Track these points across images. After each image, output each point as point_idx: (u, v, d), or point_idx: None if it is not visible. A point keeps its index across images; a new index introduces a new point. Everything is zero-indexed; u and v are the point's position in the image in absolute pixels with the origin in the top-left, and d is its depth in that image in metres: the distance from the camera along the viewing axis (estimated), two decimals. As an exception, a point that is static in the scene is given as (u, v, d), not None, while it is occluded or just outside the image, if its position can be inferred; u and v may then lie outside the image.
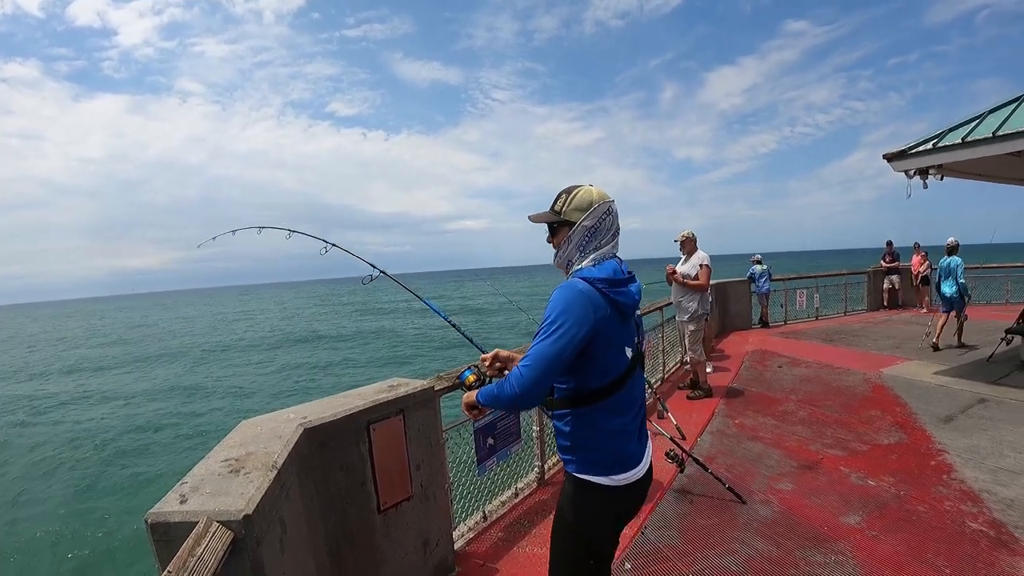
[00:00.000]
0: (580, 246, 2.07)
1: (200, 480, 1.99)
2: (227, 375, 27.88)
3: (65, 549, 9.70)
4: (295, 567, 2.15)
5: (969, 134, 6.66)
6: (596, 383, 1.97)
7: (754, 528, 3.97)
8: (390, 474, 3.05)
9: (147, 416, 19.78)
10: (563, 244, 2.12)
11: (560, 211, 2.11)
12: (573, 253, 2.09)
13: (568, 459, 2.08)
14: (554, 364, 1.84)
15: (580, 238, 2.06)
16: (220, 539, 1.63)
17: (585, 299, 1.89)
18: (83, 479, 13.36)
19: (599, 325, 1.90)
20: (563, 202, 2.11)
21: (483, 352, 2.56)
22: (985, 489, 4.39)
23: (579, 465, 2.04)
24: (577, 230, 2.06)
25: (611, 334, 1.96)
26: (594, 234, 2.06)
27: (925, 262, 14.76)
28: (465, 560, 3.72)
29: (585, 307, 1.87)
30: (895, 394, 7.22)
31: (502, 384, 1.94)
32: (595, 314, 1.88)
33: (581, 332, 1.85)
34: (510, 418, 4.33)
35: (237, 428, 2.63)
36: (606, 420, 2.00)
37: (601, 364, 1.96)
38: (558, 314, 1.87)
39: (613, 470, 2.01)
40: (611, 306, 1.94)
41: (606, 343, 1.95)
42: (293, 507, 2.27)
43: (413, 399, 3.23)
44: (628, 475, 2.03)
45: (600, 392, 1.98)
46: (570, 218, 2.08)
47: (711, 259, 7.14)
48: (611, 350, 1.98)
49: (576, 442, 2.03)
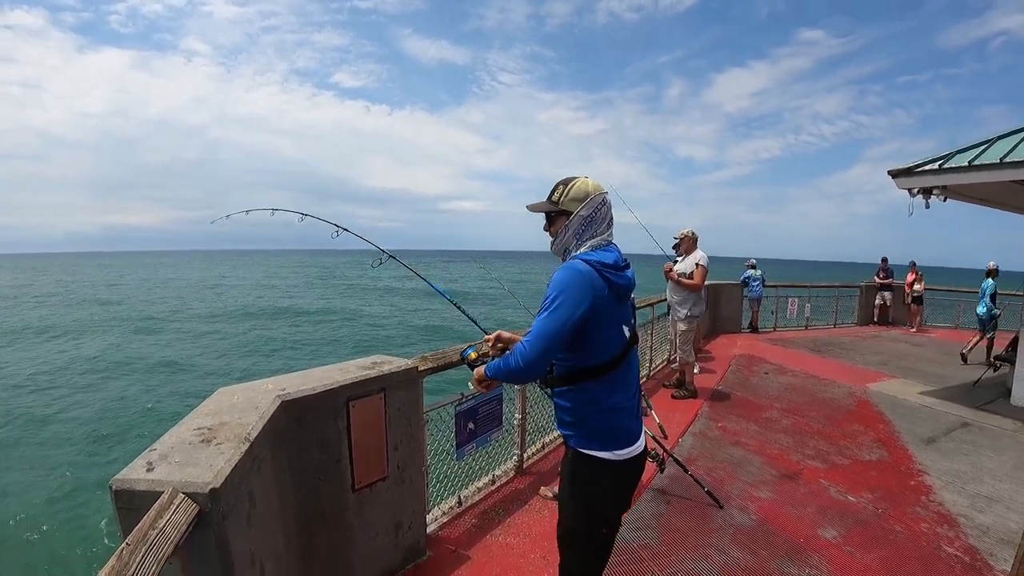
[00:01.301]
0: (577, 234, 2.20)
1: (170, 448, 1.92)
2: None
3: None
4: (262, 542, 2.09)
5: (976, 158, 6.60)
6: (595, 360, 2.10)
7: (730, 535, 3.94)
8: (367, 453, 2.99)
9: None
10: (560, 232, 2.25)
11: (557, 201, 2.25)
12: (570, 241, 2.22)
13: (569, 434, 2.20)
14: (555, 339, 1.98)
15: (577, 227, 2.20)
16: (184, 512, 1.57)
17: (584, 279, 2.02)
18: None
19: (597, 303, 2.02)
20: (560, 193, 2.25)
21: (486, 333, 2.72)
22: (962, 514, 4.37)
23: (580, 440, 2.16)
24: (574, 219, 2.19)
25: (609, 313, 2.09)
26: (590, 223, 2.19)
27: (919, 281, 14.74)
28: (437, 544, 3.67)
29: (584, 286, 2.01)
30: (879, 410, 7.20)
31: (507, 357, 2.12)
32: (593, 293, 2.01)
33: (580, 309, 1.98)
34: (492, 403, 4.28)
35: (213, 396, 2.56)
36: (606, 396, 2.13)
37: (600, 342, 2.09)
38: (559, 292, 2.01)
39: (613, 445, 2.13)
40: (608, 287, 2.06)
41: (605, 321, 2.08)
42: (264, 481, 2.21)
43: (396, 378, 3.16)
44: (627, 451, 2.15)
45: (599, 368, 2.10)
46: (567, 208, 2.22)
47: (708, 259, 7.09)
48: (609, 328, 2.11)
49: (577, 417, 2.16)
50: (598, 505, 2.19)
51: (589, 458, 2.13)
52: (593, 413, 2.13)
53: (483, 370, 2.33)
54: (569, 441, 2.21)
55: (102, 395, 17.04)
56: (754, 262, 14.00)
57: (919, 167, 7.14)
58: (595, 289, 2.02)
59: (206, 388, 10.78)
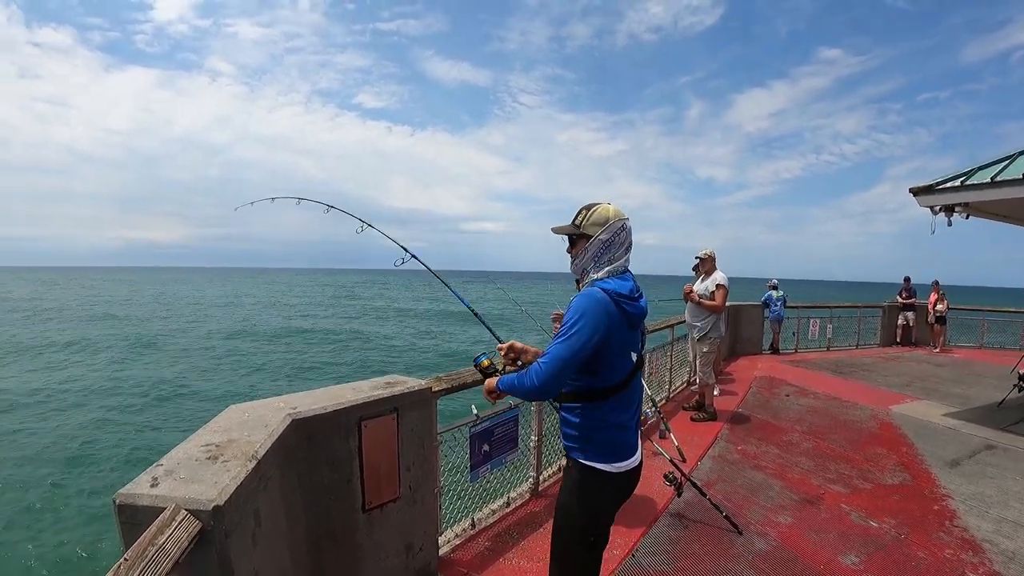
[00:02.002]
0: (595, 257, 2.31)
1: (176, 464, 1.92)
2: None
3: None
4: (268, 562, 2.07)
5: (999, 174, 6.52)
6: (605, 382, 2.23)
7: (749, 560, 3.86)
8: (378, 473, 2.97)
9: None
10: (580, 254, 2.36)
11: (579, 225, 2.36)
12: (588, 263, 2.34)
13: (573, 447, 2.32)
14: (569, 363, 2.09)
15: (596, 250, 2.31)
16: (186, 529, 1.56)
17: (601, 307, 2.12)
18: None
19: (611, 331, 2.13)
20: (583, 217, 2.36)
21: (500, 341, 2.79)
22: (987, 539, 4.25)
23: (585, 453, 2.28)
24: (593, 243, 2.31)
25: (621, 340, 2.21)
26: (608, 247, 2.30)
27: (942, 301, 14.54)
28: (448, 567, 3.63)
29: (600, 314, 2.11)
30: (902, 433, 7.06)
31: (522, 376, 2.21)
32: (608, 321, 2.11)
33: (595, 336, 2.09)
34: (508, 426, 4.25)
35: (223, 412, 2.57)
36: (611, 415, 2.26)
37: (611, 366, 2.21)
38: (577, 319, 2.10)
39: (615, 458, 2.27)
40: (622, 315, 2.17)
41: (617, 348, 2.19)
42: (271, 499, 2.20)
43: (409, 398, 3.15)
44: (626, 463, 2.30)
45: (608, 390, 2.23)
46: (588, 231, 2.33)
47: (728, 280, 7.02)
48: (620, 354, 2.23)
49: (583, 433, 2.28)
50: (599, 514, 2.33)
51: (592, 470, 2.26)
52: (599, 430, 2.26)
53: (495, 383, 2.42)
54: (572, 453, 2.33)
55: (100, 414, 17.05)
56: (776, 283, 13.87)
57: (941, 184, 7.07)
58: (610, 317, 2.12)
59: (216, 407, 10.75)
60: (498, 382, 2.40)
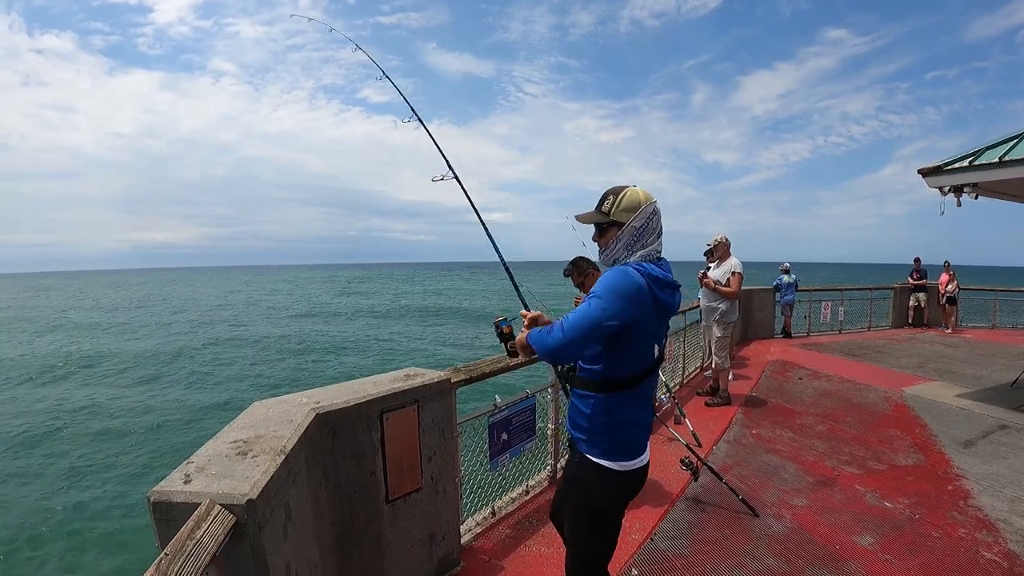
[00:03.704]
0: (628, 245, 2.16)
1: (206, 460, 1.97)
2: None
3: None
4: (297, 553, 2.12)
5: (1007, 153, 6.47)
6: (624, 372, 2.11)
7: (765, 543, 3.89)
8: (401, 464, 3.02)
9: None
10: (611, 243, 2.20)
11: (609, 212, 2.19)
12: (620, 252, 2.18)
13: (581, 438, 2.22)
14: (592, 329, 1.97)
15: (629, 238, 2.15)
16: (221, 523, 1.60)
17: (634, 286, 2.00)
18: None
19: (641, 315, 2.02)
20: (611, 203, 2.19)
21: (528, 309, 2.59)
22: (1002, 519, 4.27)
23: (592, 448, 2.18)
24: (626, 230, 2.15)
25: (648, 328, 2.10)
26: (642, 234, 2.15)
27: (953, 281, 14.47)
28: (471, 555, 3.69)
29: (630, 293, 1.99)
30: (915, 414, 7.07)
31: (544, 332, 2.11)
32: (639, 302, 2.00)
33: (623, 313, 1.97)
34: (525, 414, 4.29)
35: (249, 409, 2.61)
36: (624, 410, 2.16)
37: (632, 355, 2.10)
38: (607, 291, 2.00)
39: (622, 457, 2.17)
40: (654, 302, 2.05)
41: (643, 335, 2.08)
42: (299, 493, 2.24)
43: (428, 390, 3.19)
44: (634, 463, 2.20)
45: (625, 382, 2.12)
46: (619, 219, 2.16)
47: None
48: (644, 344, 2.12)
49: (593, 426, 2.17)
50: (602, 511, 2.24)
51: (597, 467, 2.17)
52: (609, 424, 2.16)
53: (525, 337, 2.26)
54: (579, 446, 2.24)
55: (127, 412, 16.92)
56: (788, 266, 13.80)
57: (949, 165, 7.03)
58: (640, 300, 2.01)
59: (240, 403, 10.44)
60: (528, 336, 2.23)
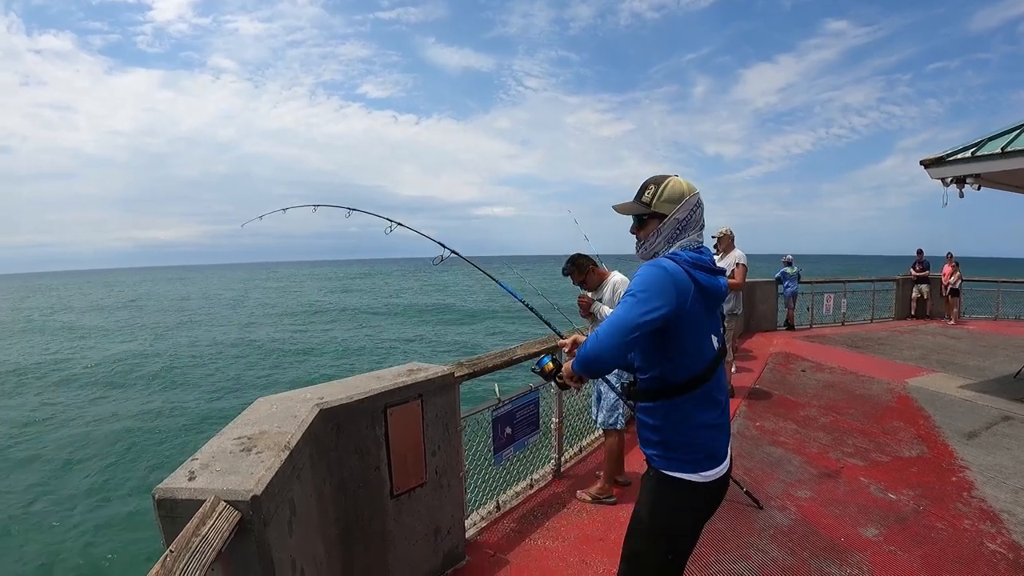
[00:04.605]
0: (669, 238, 2.03)
1: (211, 457, 1.97)
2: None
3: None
4: (302, 549, 2.12)
5: (1009, 144, 6.44)
6: (685, 373, 1.93)
7: (770, 535, 3.90)
8: (405, 459, 3.03)
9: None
10: (651, 236, 2.07)
11: (650, 203, 2.05)
12: (660, 245, 2.05)
13: (655, 454, 2.02)
14: (629, 331, 1.79)
15: (670, 231, 2.02)
16: (226, 519, 1.60)
17: (670, 277, 1.85)
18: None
19: (684, 306, 1.85)
20: (652, 193, 2.05)
21: (561, 336, 2.48)
22: (1006, 510, 4.27)
23: (666, 460, 1.98)
24: (668, 223, 2.02)
25: (698, 319, 1.93)
26: (684, 227, 2.02)
27: (956, 272, 14.45)
28: (476, 550, 3.69)
29: (667, 284, 1.84)
30: (919, 406, 7.08)
31: (584, 345, 1.90)
32: (678, 292, 1.85)
33: (664, 307, 1.81)
34: (529, 408, 4.29)
35: (253, 405, 2.61)
36: (697, 413, 1.96)
37: (689, 352, 1.93)
38: (642, 285, 1.85)
39: (702, 466, 1.96)
40: (696, 289, 1.90)
41: (693, 327, 1.92)
42: (304, 489, 2.25)
43: (432, 384, 3.19)
44: (714, 471, 1.99)
45: (689, 383, 1.93)
46: (660, 210, 2.03)
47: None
48: (698, 337, 1.96)
49: (665, 435, 1.98)
50: (677, 532, 2.05)
51: (675, 481, 1.97)
52: (682, 431, 1.97)
53: (571, 366, 2.05)
54: (652, 461, 2.04)
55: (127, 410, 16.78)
56: (790, 258, 13.77)
57: (951, 156, 7.01)
58: (680, 288, 1.85)
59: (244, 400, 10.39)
60: (573, 364, 2.03)
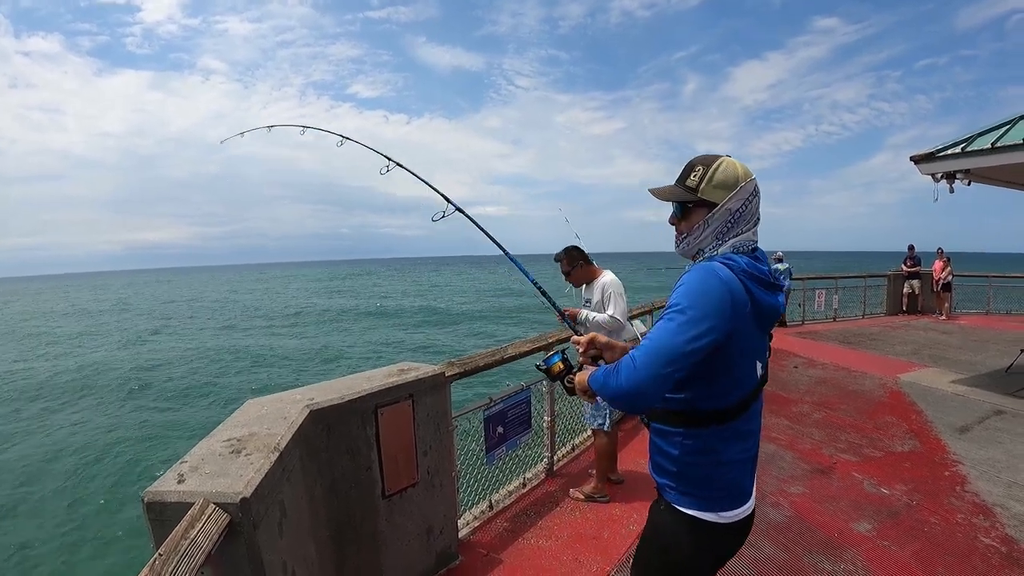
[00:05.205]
0: (718, 233, 1.69)
1: (200, 460, 1.95)
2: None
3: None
4: (294, 550, 2.11)
5: (999, 139, 6.48)
6: (720, 403, 1.64)
7: (763, 531, 3.89)
8: (396, 459, 3.01)
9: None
10: (696, 228, 1.72)
11: (696, 187, 1.69)
12: (708, 240, 1.71)
13: (668, 485, 1.74)
14: (676, 358, 1.48)
15: (721, 223, 1.68)
16: (216, 522, 1.58)
17: (727, 289, 1.53)
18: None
19: (737, 326, 1.55)
20: (699, 176, 1.69)
21: (577, 334, 2.13)
22: (999, 503, 4.30)
23: (683, 496, 1.70)
24: (719, 213, 1.66)
25: (749, 341, 1.63)
26: (737, 220, 1.67)
27: (947, 268, 14.51)
28: (469, 549, 3.68)
29: (724, 300, 1.52)
30: (911, 401, 7.11)
31: (610, 372, 1.60)
32: (734, 311, 1.53)
33: (717, 328, 1.50)
34: (521, 407, 4.28)
35: (242, 407, 2.59)
36: (727, 447, 1.67)
37: (731, 379, 1.63)
38: (692, 299, 1.53)
39: (723, 505, 1.69)
40: (752, 306, 1.58)
41: (741, 351, 1.61)
42: (294, 490, 2.23)
43: (423, 384, 3.18)
44: (738, 512, 1.71)
45: (721, 414, 1.64)
46: (710, 197, 1.67)
47: None
48: (744, 361, 1.65)
49: (685, 469, 1.69)
50: (688, 573, 1.78)
51: (690, 520, 1.69)
52: (704, 465, 1.67)
53: (586, 378, 1.77)
54: (664, 492, 1.76)
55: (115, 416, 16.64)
56: (781, 255, 13.78)
57: (941, 152, 7.04)
58: (736, 305, 1.53)
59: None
60: (590, 379, 1.73)
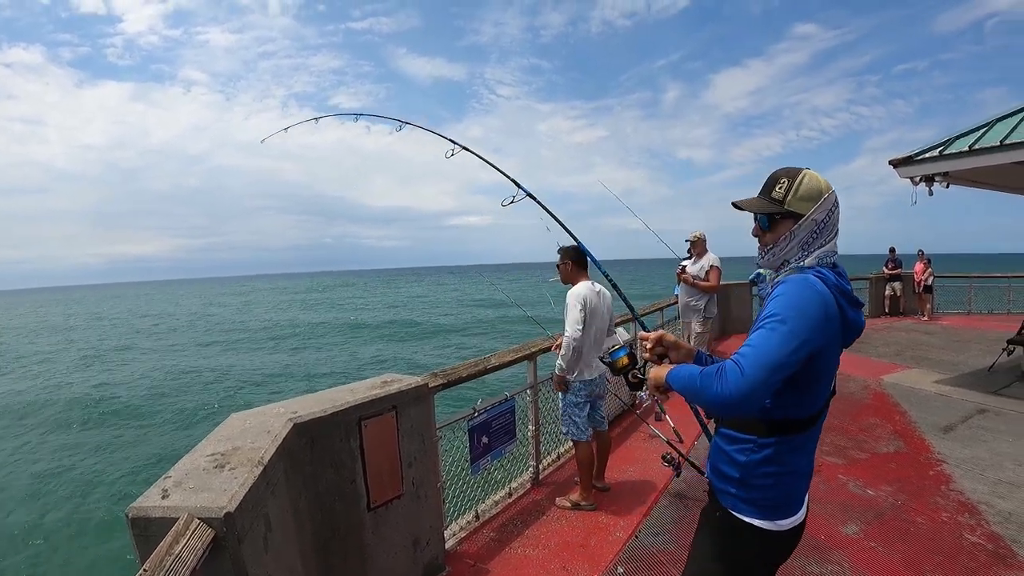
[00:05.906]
0: (804, 244, 1.73)
1: (184, 474, 1.94)
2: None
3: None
4: (279, 564, 2.10)
5: (976, 142, 6.59)
6: (802, 411, 1.69)
7: (750, 535, 3.91)
8: (381, 471, 3.01)
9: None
10: (782, 240, 1.76)
11: (783, 200, 1.74)
12: (794, 251, 1.75)
13: (730, 491, 1.79)
14: (776, 369, 1.50)
15: (807, 234, 1.72)
16: (200, 537, 1.58)
17: (823, 303, 1.58)
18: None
19: (829, 340, 1.60)
20: (785, 188, 1.74)
21: (645, 329, 2.16)
22: (983, 501, 4.34)
23: (743, 504, 1.76)
24: (804, 224, 1.72)
25: (834, 356, 1.68)
26: (822, 230, 1.72)
27: (928, 269, 14.65)
28: (456, 560, 3.67)
29: (820, 312, 1.56)
30: (895, 402, 7.16)
31: (711, 376, 1.56)
32: (827, 324, 1.58)
33: (812, 341, 1.54)
34: (505, 416, 4.29)
35: (226, 422, 2.58)
36: (793, 457, 1.74)
37: (813, 391, 1.68)
38: (791, 311, 1.55)
39: (780, 513, 1.75)
40: (842, 321, 1.64)
41: (827, 365, 1.66)
42: (279, 504, 2.22)
43: (406, 396, 3.18)
44: (793, 519, 1.78)
45: (799, 424, 1.71)
46: (796, 209, 1.72)
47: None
48: (827, 375, 1.70)
49: (750, 477, 1.74)
50: None
51: (748, 527, 1.75)
52: (768, 475, 1.72)
53: (663, 375, 1.77)
54: (724, 499, 1.82)
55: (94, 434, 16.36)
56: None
57: (920, 155, 7.13)
58: (829, 319, 1.58)
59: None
60: (668, 376, 1.75)
